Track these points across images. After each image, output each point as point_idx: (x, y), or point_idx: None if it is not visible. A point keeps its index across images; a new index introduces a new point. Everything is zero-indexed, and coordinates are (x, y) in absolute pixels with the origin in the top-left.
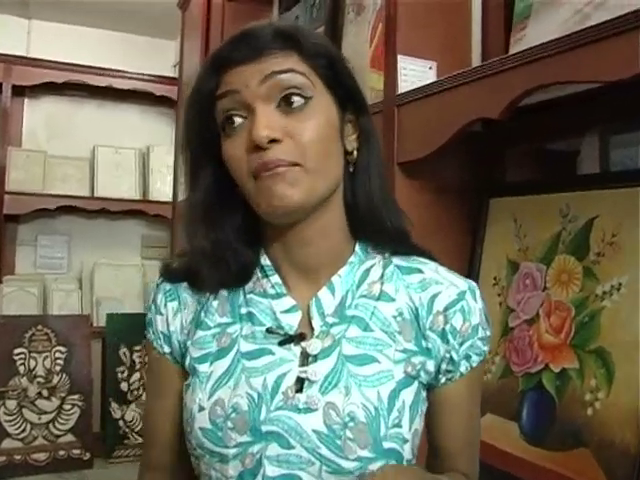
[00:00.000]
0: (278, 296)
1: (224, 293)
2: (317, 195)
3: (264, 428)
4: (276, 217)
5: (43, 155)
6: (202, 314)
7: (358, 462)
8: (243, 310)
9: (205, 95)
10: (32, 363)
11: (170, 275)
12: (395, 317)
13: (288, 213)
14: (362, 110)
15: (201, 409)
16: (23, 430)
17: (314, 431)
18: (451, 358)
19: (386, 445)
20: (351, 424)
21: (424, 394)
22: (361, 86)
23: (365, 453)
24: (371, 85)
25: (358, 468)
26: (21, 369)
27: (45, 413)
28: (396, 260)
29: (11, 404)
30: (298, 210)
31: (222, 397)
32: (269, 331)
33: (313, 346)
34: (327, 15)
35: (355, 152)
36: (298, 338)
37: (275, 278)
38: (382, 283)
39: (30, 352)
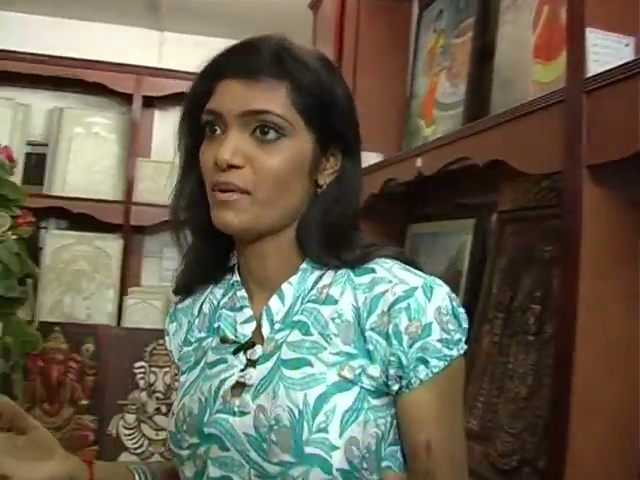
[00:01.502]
0: (241, 308)
1: (205, 311)
2: (263, 224)
3: (206, 430)
4: (226, 232)
5: (171, 167)
6: (188, 332)
7: (280, 466)
8: (215, 324)
9: (198, 97)
10: (152, 377)
11: (176, 292)
12: (334, 319)
13: (235, 233)
14: (348, 151)
15: (172, 415)
16: (140, 445)
17: (244, 434)
18: (400, 362)
19: (308, 450)
20: (276, 427)
21: (377, 401)
22: (354, 126)
23: (287, 457)
24: (535, 78)
25: (280, 473)
26: (141, 383)
27: (163, 430)
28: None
29: (130, 418)
30: (242, 233)
31: (185, 403)
32: (222, 341)
33: (254, 352)
34: (477, 3)
35: (325, 186)
36: (248, 346)
37: (241, 292)
38: (330, 286)
39: (150, 366)
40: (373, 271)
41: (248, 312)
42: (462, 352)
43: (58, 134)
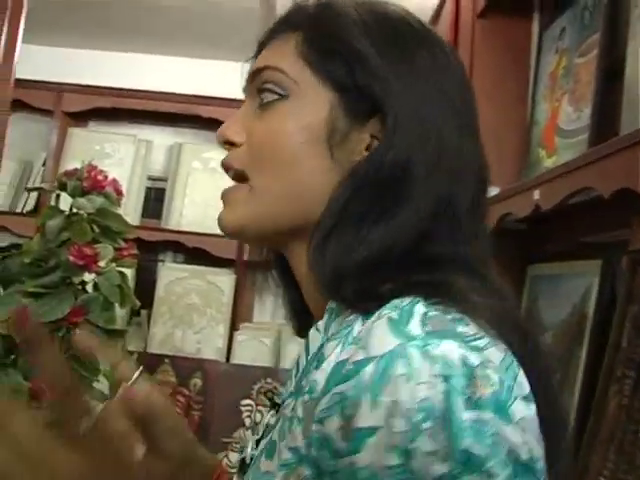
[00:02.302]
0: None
1: None
2: (265, 222)
3: None
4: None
5: None
6: None
7: None
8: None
9: None
10: (258, 416)
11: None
12: (305, 394)
13: (236, 238)
14: (391, 117)
15: None
16: None
17: None
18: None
19: None
20: None
21: None
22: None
23: None
24: None
25: None
26: (247, 421)
27: None
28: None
29: (233, 456)
30: (242, 237)
31: None
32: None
33: (265, 420)
34: (604, 16)
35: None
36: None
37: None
38: (331, 339)
39: (257, 405)
40: (359, 321)
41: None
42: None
43: (177, 169)
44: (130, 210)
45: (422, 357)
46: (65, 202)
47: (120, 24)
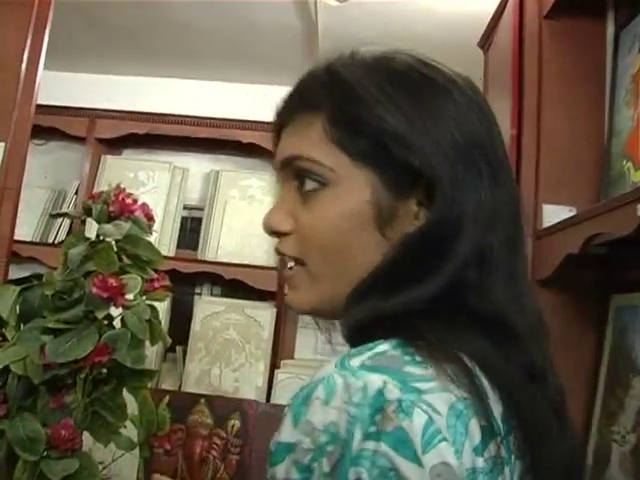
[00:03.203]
0: None
1: None
2: (331, 302)
3: None
4: None
5: None
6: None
7: None
8: None
9: None
10: None
11: None
12: None
13: (313, 316)
14: (434, 190)
15: None
16: None
17: None
18: None
19: None
20: None
21: None
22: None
23: None
24: None
25: None
26: None
27: None
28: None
29: None
30: (314, 316)
31: None
32: None
33: None
34: None
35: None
36: None
37: None
38: None
39: None
40: None
41: None
42: None
43: (214, 197)
44: (165, 240)
45: (342, 385)
46: (93, 230)
47: (155, 49)
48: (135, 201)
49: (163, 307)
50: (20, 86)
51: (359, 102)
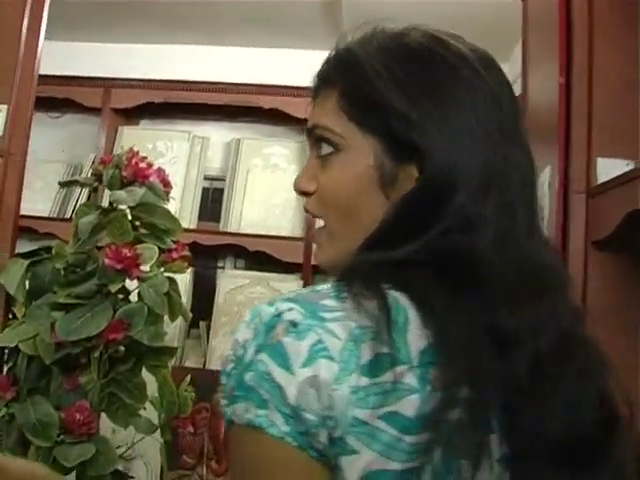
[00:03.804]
0: None
1: None
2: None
3: None
4: None
5: None
6: None
7: None
8: None
9: None
10: None
11: None
12: None
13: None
14: (422, 158)
15: None
16: None
17: None
18: None
19: None
20: None
21: None
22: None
23: None
24: None
25: None
26: None
27: None
28: None
29: None
30: (333, 271)
31: None
32: None
33: None
34: None
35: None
36: None
37: None
38: None
39: None
40: None
41: None
42: (234, 419)
43: (235, 167)
44: (186, 212)
45: (257, 310)
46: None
47: (172, 15)
48: (150, 165)
49: (185, 282)
50: (21, 48)
51: (366, 80)
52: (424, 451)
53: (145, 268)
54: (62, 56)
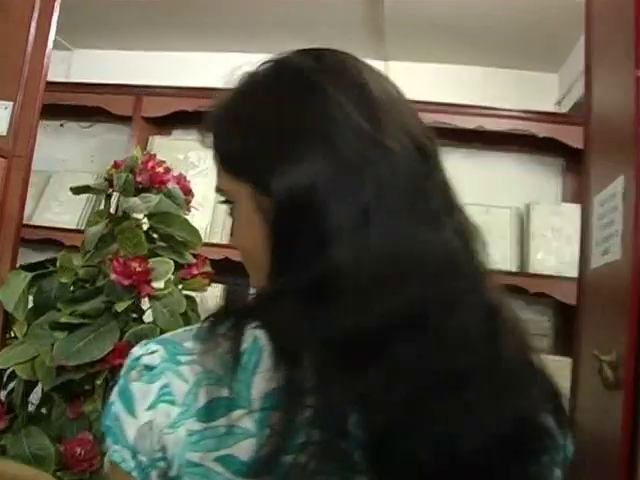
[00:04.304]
0: None
1: None
2: None
3: None
4: None
5: None
6: None
7: None
8: None
9: None
10: None
11: None
12: None
13: None
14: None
15: None
16: None
17: None
18: None
19: None
20: None
21: None
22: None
23: None
24: None
25: None
26: None
27: None
28: None
29: None
30: None
31: None
32: None
33: None
34: None
35: None
36: None
37: None
38: None
39: None
40: None
41: None
42: (112, 459)
43: None
44: (218, 228)
45: (134, 350)
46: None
47: (203, 22)
48: (168, 170)
49: (215, 300)
50: (29, 47)
51: (218, 131)
52: None
53: (159, 285)
54: (92, 64)
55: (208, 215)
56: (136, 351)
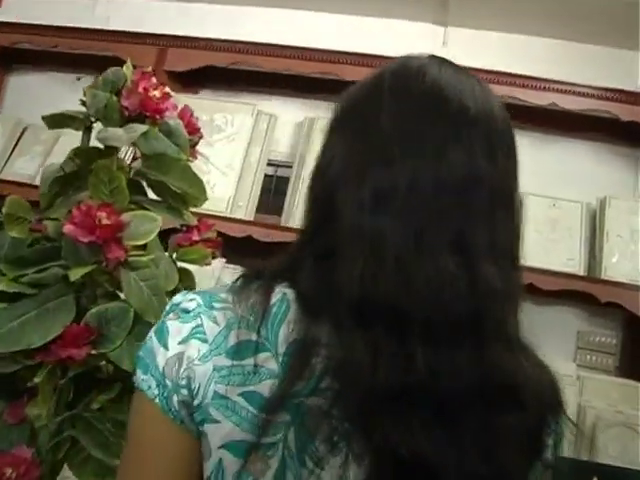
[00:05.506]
0: None
1: None
2: None
3: None
4: None
5: None
6: None
7: None
8: None
9: None
10: None
11: None
12: None
13: None
14: None
15: None
16: None
17: None
18: None
19: None
20: None
21: None
22: None
23: None
24: None
25: None
26: None
27: None
28: None
29: None
30: None
31: None
32: None
33: None
34: None
35: None
36: None
37: None
38: None
39: None
40: None
41: None
42: (139, 387)
43: (306, 152)
44: (243, 201)
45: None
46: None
47: None
48: (167, 96)
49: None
50: None
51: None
52: (279, 428)
53: (134, 247)
54: (109, 9)
55: (232, 185)
56: (177, 298)
